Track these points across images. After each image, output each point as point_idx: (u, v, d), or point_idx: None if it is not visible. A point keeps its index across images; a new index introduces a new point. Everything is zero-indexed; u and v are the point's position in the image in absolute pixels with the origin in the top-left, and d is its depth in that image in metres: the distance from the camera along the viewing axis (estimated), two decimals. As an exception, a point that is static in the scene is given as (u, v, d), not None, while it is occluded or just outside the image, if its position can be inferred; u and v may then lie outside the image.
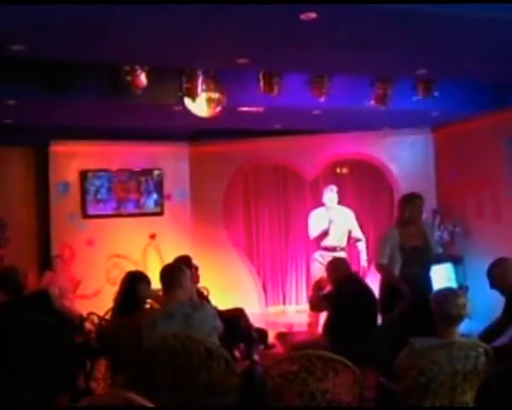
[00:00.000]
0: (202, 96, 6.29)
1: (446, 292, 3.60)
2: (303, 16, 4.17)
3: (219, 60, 5.59)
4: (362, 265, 7.89)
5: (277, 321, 8.62)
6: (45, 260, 8.58)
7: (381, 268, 5.36)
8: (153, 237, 9.16)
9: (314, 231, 7.77)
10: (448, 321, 3.44)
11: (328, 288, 5.97)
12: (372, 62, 5.74)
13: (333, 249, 7.62)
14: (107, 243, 8.91)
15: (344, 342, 4.69)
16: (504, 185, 7.76)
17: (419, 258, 5.26)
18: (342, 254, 7.55)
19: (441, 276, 8.10)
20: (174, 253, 6.13)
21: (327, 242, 7.70)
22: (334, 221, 7.67)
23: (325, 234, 7.69)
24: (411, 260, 5.20)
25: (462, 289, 6.56)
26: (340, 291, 5.39)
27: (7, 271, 5.00)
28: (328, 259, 6.59)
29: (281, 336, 6.94)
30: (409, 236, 5.30)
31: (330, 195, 7.83)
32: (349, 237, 7.90)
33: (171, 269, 4.20)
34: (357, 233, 7.94)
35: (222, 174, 9.45)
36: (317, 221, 7.79)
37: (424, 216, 8.35)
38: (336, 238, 7.73)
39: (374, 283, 5.75)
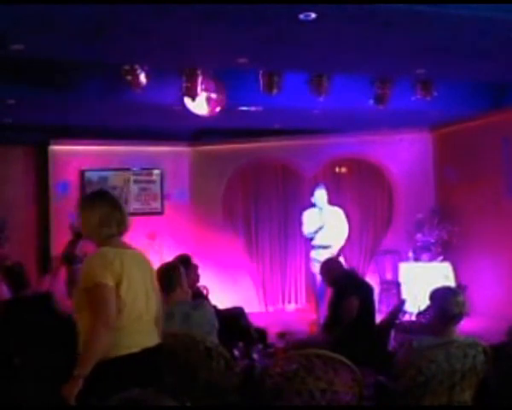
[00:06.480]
0: (202, 96, 6.30)
1: (445, 291, 3.61)
2: (302, 16, 4.19)
3: (219, 60, 5.61)
4: None
5: (277, 320, 8.62)
6: (45, 260, 8.56)
7: None
8: (153, 236, 9.15)
9: (309, 227, 7.83)
10: (446, 320, 3.44)
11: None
12: (371, 62, 5.75)
13: (328, 247, 7.66)
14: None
15: (343, 340, 4.68)
16: (502, 185, 7.77)
17: None
18: (337, 248, 7.63)
19: (440, 275, 8.12)
20: (174, 252, 6.13)
21: (322, 241, 7.74)
22: (328, 222, 7.73)
23: (320, 230, 7.77)
24: None
25: (461, 287, 6.56)
26: (341, 291, 5.34)
27: (13, 266, 4.97)
28: (325, 256, 6.64)
29: (280, 335, 6.93)
30: None
31: (320, 192, 7.88)
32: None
33: (169, 269, 4.18)
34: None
35: (222, 174, 9.47)
36: (311, 219, 7.86)
37: (422, 215, 8.42)
38: (330, 237, 7.77)
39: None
